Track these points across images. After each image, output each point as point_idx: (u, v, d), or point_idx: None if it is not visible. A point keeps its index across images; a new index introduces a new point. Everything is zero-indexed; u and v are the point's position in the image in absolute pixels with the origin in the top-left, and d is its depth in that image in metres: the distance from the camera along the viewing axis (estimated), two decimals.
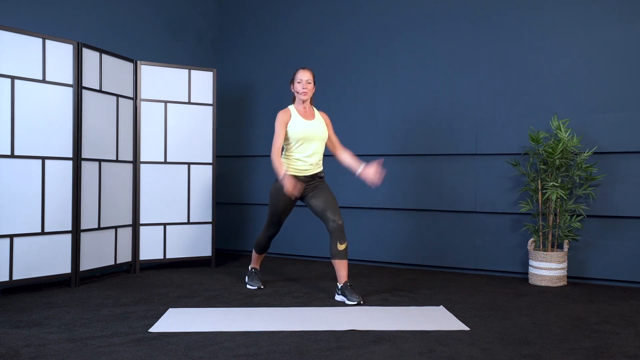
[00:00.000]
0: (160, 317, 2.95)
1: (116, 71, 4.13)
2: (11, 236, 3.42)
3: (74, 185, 3.74)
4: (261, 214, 5.32)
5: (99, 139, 3.97)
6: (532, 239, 4.04)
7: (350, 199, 4.86)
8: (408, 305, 3.29)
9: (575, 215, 3.98)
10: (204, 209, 4.61)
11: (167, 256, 4.46)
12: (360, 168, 3.42)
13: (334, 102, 4.94)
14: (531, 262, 4.01)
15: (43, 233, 3.58)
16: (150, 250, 4.40)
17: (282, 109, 3.51)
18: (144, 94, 4.36)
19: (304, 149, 3.43)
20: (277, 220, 3.60)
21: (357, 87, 4.94)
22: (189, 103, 4.54)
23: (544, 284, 3.92)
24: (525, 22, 4.32)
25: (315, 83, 3.53)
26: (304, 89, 3.45)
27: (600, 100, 4.08)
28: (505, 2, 4.39)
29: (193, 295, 3.53)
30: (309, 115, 3.49)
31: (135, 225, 4.32)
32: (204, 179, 4.61)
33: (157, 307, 3.18)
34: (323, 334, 2.66)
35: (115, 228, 4.14)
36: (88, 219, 3.86)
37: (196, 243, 4.58)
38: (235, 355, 2.35)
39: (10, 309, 3.10)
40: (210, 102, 4.62)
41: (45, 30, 3.94)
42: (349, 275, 3.89)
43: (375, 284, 3.97)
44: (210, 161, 4.64)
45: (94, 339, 2.56)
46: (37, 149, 3.55)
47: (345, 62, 5.00)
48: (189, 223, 4.54)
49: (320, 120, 3.52)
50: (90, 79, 3.88)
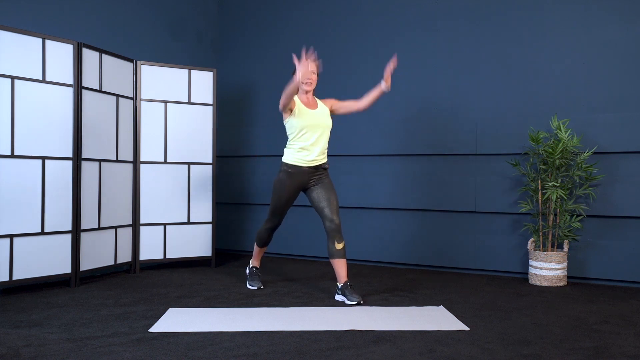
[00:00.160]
0: (160, 317, 2.95)
1: (116, 71, 4.13)
2: (11, 236, 3.42)
3: (74, 185, 3.74)
4: (261, 214, 5.32)
5: (99, 139, 3.97)
6: (532, 239, 4.04)
7: (350, 198, 4.86)
8: (408, 305, 3.29)
9: (575, 215, 3.98)
10: (204, 209, 4.61)
11: (167, 256, 4.46)
12: (382, 84, 3.41)
13: None
14: (531, 262, 4.01)
15: (43, 233, 3.58)
16: (150, 250, 4.40)
17: None
18: (144, 94, 4.36)
19: (307, 137, 3.42)
20: (280, 212, 3.59)
21: (357, 87, 4.91)
22: (189, 103, 4.54)
23: (544, 284, 3.92)
24: (525, 22, 4.32)
25: (318, 75, 3.53)
26: (309, 80, 3.45)
27: (600, 100, 4.08)
28: (505, 2, 4.39)
29: (193, 295, 3.53)
30: (313, 105, 3.49)
31: (135, 225, 4.32)
32: (204, 179, 4.61)
33: (157, 307, 3.18)
34: (323, 334, 2.66)
35: (115, 228, 4.14)
36: (88, 219, 3.86)
37: (196, 243, 4.58)
38: (235, 355, 2.35)
39: (10, 309, 3.10)
40: (210, 102, 4.62)
41: (45, 30, 3.94)
42: (348, 275, 3.88)
43: (375, 284, 3.97)
44: (210, 161, 4.64)
45: (94, 339, 2.56)
46: (37, 149, 3.55)
47: (345, 62, 5.00)
48: (189, 223, 4.54)
49: (323, 108, 3.52)
50: (90, 79, 3.88)
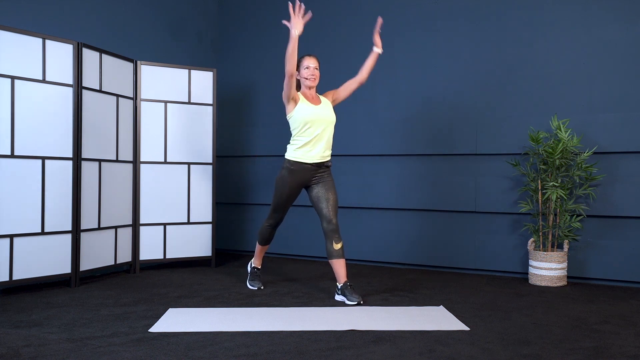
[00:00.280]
0: (160, 317, 2.95)
1: (116, 71, 4.13)
2: (11, 236, 3.42)
3: (74, 185, 3.73)
4: (261, 214, 5.32)
5: (99, 139, 3.97)
6: (532, 239, 4.04)
7: (350, 199, 4.86)
8: (408, 305, 3.29)
9: (575, 215, 3.98)
10: (204, 209, 4.61)
11: (167, 256, 4.46)
12: (374, 49, 3.53)
13: None
14: (531, 262, 4.01)
15: (43, 233, 3.58)
16: (150, 250, 4.40)
17: (283, 107, 3.52)
18: (144, 94, 4.36)
19: (311, 132, 3.40)
20: (281, 209, 3.58)
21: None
22: (189, 103, 4.54)
23: (544, 284, 3.92)
24: (525, 22, 4.32)
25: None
26: (312, 76, 3.46)
27: (600, 100, 4.08)
28: (505, 2, 4.39)
29: (193, 295, 3.53)
30: (316, 101, 3.48)
31: (135, 225, 4.32)
32: (204, 179, 4.61)
33: (157, 307, 3.18)
34: (323, 334, 2.66)
35: (115, 228, 4.14)
36: (88, 219, 3.86)
37: (196, 243, 4.58)
38: (235, 355, 2.35)
39: (10, 309, 3.10)
40: (210, 102, 4.62)
41: (45, 30, 3.94)
42: (348, 275, 3.88)
43: (375, 284, 3.97)
44: (210, 161, 4.64)
45: (94, 339, 2.56)
46: (37, 149, 3.55)
47: (345, 62, 5.00)
48: (189, 223, 4.54)
49: (326, 103, 3.51)
50: (90, 79, 3.88)
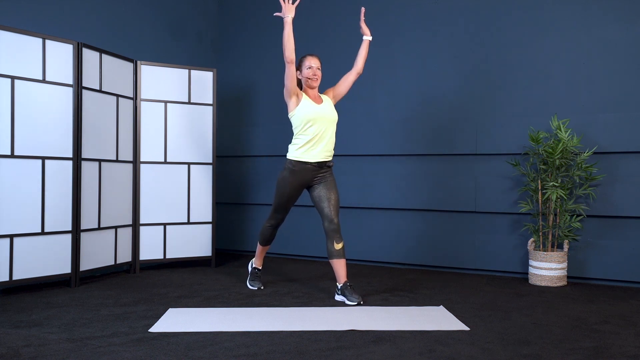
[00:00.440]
0: (160, 317, 2.95)
1: (116, 71, 4.13)
2: (11, 236, 3.42)
3: (74, 185, 3.73)
4: (261, 214, 5.32)
5: (99, 139, 3.97)
6: (532, 239, 4.04)
7: (350, 199, 4.86)
8: (408, 305, 3.29)
9: (575, 215, 3.98)
10: (204, 209, 4.61)
11: (167, 256, 4.46)
12: (365, 37, 3.70)
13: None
14: (531, 262, 4.01)
15: (43, 233, 3.58)
16: (150, 250, 4.40)
17: (284, 107, 3.52)
18: (144, 94, 4.36)
19: (313, 130, 3.40)
20: (283, 209, 3.58)
21: (357, 87, 4.93)
22: (189, 103, 4.54)
23: (544, 284, 3.92)
24: (525, 22, 4.32)
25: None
26: (314, 75, 3.46)
27: (600, 100, 4.07)
28: (505, 2, 4.39)
29: (193, 295, 3.53)
30: (318, 100, 3.49)
31: (135, 225, 4.32)
32: (204, 179, 4.61)
33: (157, 307, 3.18)
34: (323, 334, 2.66)
35: (115, 228, 4.14)
36: (88, 219, 3.86)
37: (196, 243, 4.58)
38: (235, 355, 2.35)
39: (10, 309, 3.10)
40: (210, 102, 4.62)
41: (45, 30, 3.94)
42: (348, 275, 3.89)
43: (375, 284, 3.97)
44: (210, 161, 4.64)
45: (94, 339, 2.56)
46: (37, 149, 3.55)
47: (345, 62, 4.99)
48: (189, 223, 4.54)
49: (328, 102, 3.52)
50: (90, 79, 3.88)
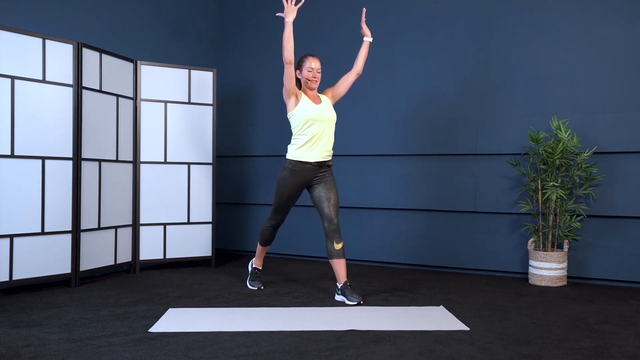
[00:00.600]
0: (160, 317, 2.95)
1: (116, 71, 4.13)
2: (11, 236, 3.42)
3: (74, 185, 3.73)
4: (261, 214, 5.33)
5: (99, 139, 3.97)
6: (532, 239, 4.04)
7: (350, 199, 4.86)
8: (408, 305, 3.29)
9: (575, 215, 3.98)
10: (204, 209, 4.61)
11: (167, 256, 4.46)
12: (365, 38, 3.69)
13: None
14: (531, 262, 4.01)
15: (43, 233, 3.58)
16: (150, 250, 4.40)
17: (284, 107, 3.52)
18: (144, 94, 4.36)
19: (312, 130, 3.40)
20: (283, 209, 3.58)
21: (357, 87, 4.93)
22: (189, 103, 4.54)
23: (544, 284, 3.92)
24: (525, 22, 4.32)
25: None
26: (314, 77, 3.47)
27: (600, 100, 4.07)
28: (505, 2, 4.39)
29: (193, 295, 3.53)
30: (317, 101, 3.50)
31: (135, 225, 4.32)
32: (204, 179, 4.61)
33: (157, 307, 3.18)
34: (323, 334, 2.66)
35: (115, 228, 4.14)
36: (88, 219, 3.86)
37: (196, 243, 4.58)
38: (235, 355, 2.35)
39: (10, 309, 3.10)
40: (210, 102, 4.62)
41: (45, 30, 3.94)
42: (348, 275, 3.88)
43: (375, 284, 3.97)
44: (210, 161, 4.64)
45: (94, 339, 2.56)
46: (37, 149, 3.55)
47: (345, 62, 4.99)
48: (189, 223, 4.54)
49: (326, 102, 3.52)
50: (90, 79, 3.88)
